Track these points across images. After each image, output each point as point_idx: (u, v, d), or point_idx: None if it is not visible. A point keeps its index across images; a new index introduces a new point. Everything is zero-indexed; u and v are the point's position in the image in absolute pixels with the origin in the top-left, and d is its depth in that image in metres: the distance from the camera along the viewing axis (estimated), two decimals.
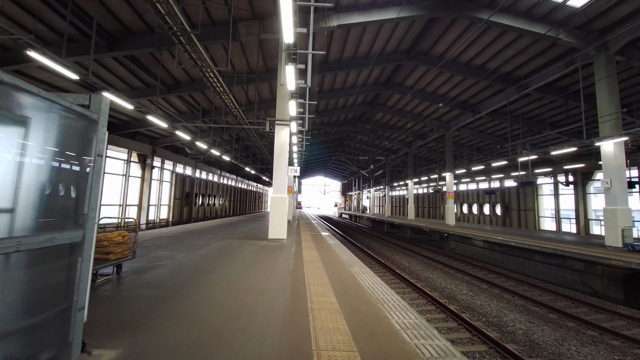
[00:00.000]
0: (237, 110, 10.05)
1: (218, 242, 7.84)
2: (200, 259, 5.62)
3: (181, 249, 6.67)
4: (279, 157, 8.41)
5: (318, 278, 4.49)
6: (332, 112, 19.76)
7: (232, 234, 9.86)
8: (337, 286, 4.11)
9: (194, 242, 7.68)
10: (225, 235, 9.59)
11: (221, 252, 6.33)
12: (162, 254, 5.98)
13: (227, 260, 5.60)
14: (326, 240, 9.33)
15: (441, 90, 15.79)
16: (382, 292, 4.12)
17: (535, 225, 23.60)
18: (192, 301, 3.31)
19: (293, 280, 4.27)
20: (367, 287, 4.25)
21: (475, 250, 15.19)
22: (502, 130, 18.90)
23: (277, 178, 8.38)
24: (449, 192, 19.18)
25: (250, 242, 7.99)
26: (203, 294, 3.54)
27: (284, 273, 4.69)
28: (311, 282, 4.24)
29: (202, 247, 6.93)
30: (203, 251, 6.42)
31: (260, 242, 8.15)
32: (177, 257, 5.69)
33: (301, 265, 5.30)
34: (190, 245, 7.15)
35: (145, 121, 15.22)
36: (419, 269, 11.12)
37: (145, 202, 18.12)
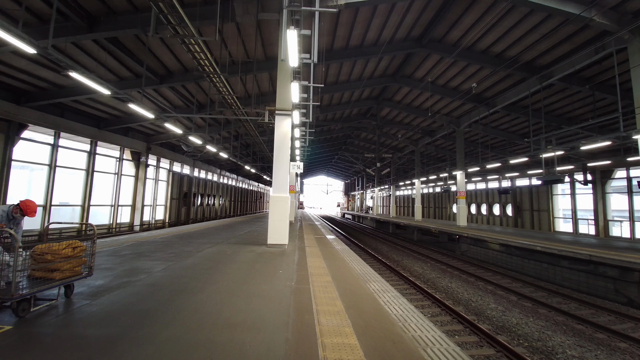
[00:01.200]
0: (231, 97, 9.04)
1: (210, 249, 6.83)
2: (184, 272, 4.61)
3: (165, 257, 5.66)
4: (279, 151, 7.40)
5: (329, 301, 3.46)
6: (337, 108, 18.72)
7: (228, 238, 8.86)
8: (355, 315, 3.09)
9: (182, 249, 6.68)
10: (221, 239, 8.59)
11: (211, 263, 5.31)
12: (139, 265, 4.97)
13: (216, 273, 4.58)
14: (332, 245, 8.31)
15: (454, 82, 14.71)
16: (417, 324, 3.09)
17: (550, 227, 22.46)
18: (152, 348, 2.29)
19: (297, 306, 3.25)
20: (395, 316, 3.22)
21: (490, 254, 14.14)
22: (517, 125, 17.78)
23: (278, 175, 7.36)
24: (460, 192, 18.10)
25: (247, 249, 6.98)
26: (170, 334, 2.51)
27: (285, 294, 3.67)
28: (321, 308, 3.21)
29: (190, 255, 5.91)
30: (190, 261, 5.41)
31: (259, 248, 7.14)
32: (156, 269, 4.68)
33: (306, 281, 4.28)
34: (177, 253, 6.14)
35: (137, 116, 14.26)
36: (435, 276, 10.07)
37: (139, 202, 17.17)
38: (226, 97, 8.93)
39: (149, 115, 8.20)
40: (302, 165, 7.83)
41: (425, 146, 24.78)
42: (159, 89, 11.83)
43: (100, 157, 14.78)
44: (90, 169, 14.08)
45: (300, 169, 7.83)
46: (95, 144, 14.33)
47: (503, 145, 21.62)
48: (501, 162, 14.78)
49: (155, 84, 11.13)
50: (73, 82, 10.63)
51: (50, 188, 12.31)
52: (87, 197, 13.96)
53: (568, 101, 14.17)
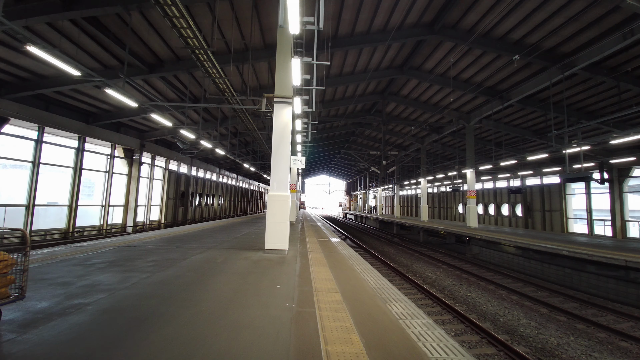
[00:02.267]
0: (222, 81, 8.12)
1: (199, 255, 5.93)
2: (157, 289, 3.70)
3: (142, 267, 4.76)
4: (279, 144, 6.49)
5: (342, 334, 2.55)
6: (340, 102, 17.81)
7: (222, 242, 7.95)
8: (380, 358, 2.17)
9: (166, 256, 5.78)
10: (214, 242, 7.69)
11: (195, 275, 4.41)
12: (105, 279, 4.07)
13: (199, 291, 3.67)
14: (338, 250, 7.39)
15: (466, 73, 13.76)
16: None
17: (563, 228, 21.46)
18: None
19: (298, 344, 2.34)
20: (432, 356, 2.30)
21: (505, 258, 13.22)
22: (531, 121, 16.80)
23: (277, 171, 6.46)
24: (470, 191, 17.16)
25: (242, 255, 6.07)
26: None
27: (283, 322, 2.76)
28: (332, 349, 2.30)
29: (172, 264, 5.01)
30: (170, 272, 4.51)
31: (255, 254, 6.23)
32: (123, 285, 3.78)
33: (311, 301, 3.37)
34: (158, 261, 5.24)
35: (128, 110, 13.39)
36: (450, 283, 9.13)
37: (132, 202, 16.31)
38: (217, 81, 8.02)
39: (131, 103, 7.30)
40: (305, 160, 6.92)
41: (432, 144, 23.83)
42: (149, 79, 10.95)
43: (89, 154, 13.92)
44: (78, 167, 13.22)
45: (302, 164, 6.92)
46: (84, 140, 13.47)
47: (514, 143, 20.62)
48: (517, 159, 13.81)
49: (144, 74, 10.25)
50: (55, 72, 9.77)
51: (34, 187, 11.45)
52: (75, 197, 13.10)
53: (590, 93, 13.19)
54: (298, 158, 6.88)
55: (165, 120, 9.01)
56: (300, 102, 7.02)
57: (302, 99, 7.05)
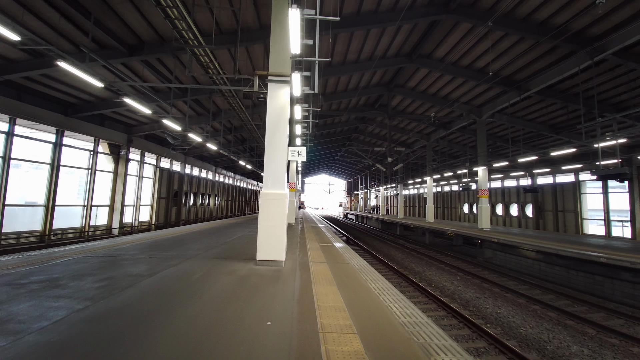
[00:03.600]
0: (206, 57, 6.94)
1: (172, 269, 4.74)
2: (88, 332, 2.52)
3: (84, 291, 3.57)
4: (273, 132, 5.31)
5: None
6: (343, 95, 16.61)
7: (209, 247, 6.77)
8: None
9: (130, 270, 4.59)
10: (198, 249, 6.50)
11: (155, 303, 3.22)
12: (20, 310, 2.89)
13: (150, 332, 2.49)
14: (345, 259, 6.21)
15: (481, 61, 12.57)
16: None
17: (578, 229, 20.30)
18: None
19: None
20: None
21: (523, 263, 12.09)
22: (548, 115, 15.61)
23: (272, 165, 5.28)
24: (482, 190, 15.98)
25: (228, 268, 4.89)
26: None
27: None
28: None
29: (131, 285, 3.83)
30: (121, 298, 3.32)
31: (245, 266, 5.05)
32: (36, 326, 2.59)
33: (317, 353, 2.19)
34: (113, 280, 4.05)
35: (111, 101, 12.20)
36: (472, 295, 7.95)
37: (118, 202, 15.11)
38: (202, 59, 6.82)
39: (95, 82, 6.12)
40: (306, 152, 5.74)
41: (438, 141, 22.64)
42: (129, 62, 9.73)
43: (68, 150, 12.71)
44: (55, 163, 12.01)
45: (303, 157, 5.73)
46: (62, 134, 12.26)
47: (526, 140, 19.43)
48: (538, 155, 12.63)
49: (123, 56, 9.05)
50: (24, 55, 8.57)
51: (4, 185, 10.27)
52: (52, 196, 11.90)
53: (616, 83, 12.02)
54: (298, 149, 5.67)
55: (141, 106, 7.79)
56: (300, 80, 5.83)
57: (302, 76, 5.88)
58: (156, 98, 9.44)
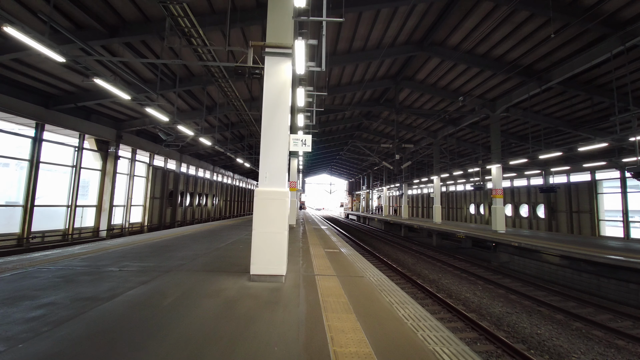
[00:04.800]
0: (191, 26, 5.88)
1: (142, 288, 3.71)
2: None
3: (11, 323, 2.55)
4: (272, 116, 4.30)
5: None
6: (347, 88, 15.58)
7: (197, 256, 5.74)
8: None
9: (83, 291, 3.55)
10: (182, 259, 5.47)
11: (94, 349, 2.19)
12: None
13: None
14: (357, 270, 5.18)
15: (500, 48, 11.52)
16: None
17: (594, 231, 19.25)
18: None
19: None
20: None
21: (545, 269, 11.10)
22: (570, 108, 14.54)
23: (270, 157, 4.27)
24: (496, 190, 14.94)
25: (214, 285, 3.87)
26: None
27: None
28: None
29: (76, 316, 2.80)
30: (48, 343, 2.30)
31: (236, 282, 4.03)
32: None
33: None
34: (52, 307, 3.02)
35: (96, 92, 11.18)
36: (503, 310, 6.89)
37: (106, 202, 14.07)
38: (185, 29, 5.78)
39: (55, 56, 5.09)
40: (311, 141, 4.70)
41: (445, 138, 21.60)
42: (110, 45, 8.69)
43: (50, 145, 11.68)
44: (34, 160, 10.98)
45: (308, 146, 4.70)
46: (42, 128, 11.23)
47: (538, 137, 18.38)
48: (563, 151, 11.58)
49: (103, 38, 8.02)
50: None
51: None
52: (31, 196, 10.87)
53: None
54: (301, 137, 4.64)
55: (117, 89, 6.73)
56: (305, 51, 4.78)
57: (307, 44, 4.85)
58: (138, 83, 8.40)
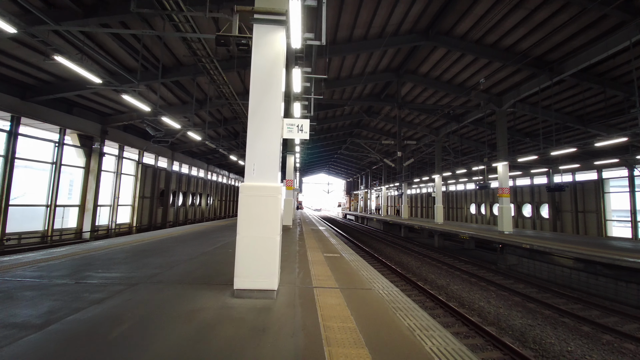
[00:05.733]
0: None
1: (91, 310, 2.92)
2: None
3: None
4: (261, 94, 3.53)
5: None
6: (347, 82, 14.82)
7: (175, 263, 4.95)
8: None
9: (15, 313, 2.76)
10: (158, 267, 4.68)
11: None
12: None
13: None
14: (364, 281, 4.41)
15: (510, 38, 10.81)
16: None
17: (601, 231, 18.65)
18: None
19: None
20: None
21: (558, 272, 10.46)
22: (576, 105, 13.90)
23: (258, 143, 3.49)
24: (502, 188, 14.25)
25: (187, 305, 3.08)
26: None
27: None
28: None
29: None
30: None
31: (216, 299, 3.24)
32: None
33: None
34: None
35: (76, 82, 10.33)
36: (524, 322, 6.14)
37: (90, 201, 13.20)
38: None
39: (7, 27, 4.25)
40: (308, 127, 3.92)
41: (448, 136, 20.90)
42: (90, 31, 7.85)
43: (27, 140, 10.82)
44: (9, 156, 10.12)
45: (305, 133, 3.91)
46: (18, 121, 10.36)
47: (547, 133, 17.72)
48: (578, 147, 10.90)
49: (77, 18, 7.19)
50: None
51: None
52: (5, 194, 10.01)
53: None
54: (297, 122, 3.85)
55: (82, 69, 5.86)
56: (301, 16, 3.99)
57: (305, 5, 4.04)
58: (120, 71, 7.57)
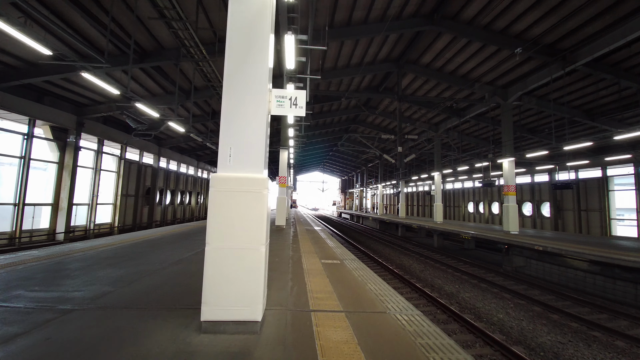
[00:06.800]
0: None
1: None
2: None
3: None
4: (242, 55, 2.60)
5: None
6: (344, 72, 13.89)
7: (136, 277, 4.00)
8: None
9: None
10: (117, 281, 3.73)
11: None
12: None
13: None
14: (374, 301, 3.52)
15: (520, 24, 9.99)
16: None
17: (604, 230, 18.11)
18: None
19: None
20: None
21: (570, 275, 9.78)
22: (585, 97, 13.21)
23: (236, 119, 2.56)
24: (508, 186, 13.51)
25: (129, 347, 2.14)
26: None
27: None
28: None
29: None
30: None
31: (175, 336, 2.30)
32: None
33: None
34: None
35: (44, 66, 9.21)
36: (553, 339, 5.32)
37: (64, 200, 12.07)
38: None
39: None
40: (304, 99, 3.03)
41: (447, 132, 20.13)
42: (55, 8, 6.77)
43: None
44: None
45: (301, 108, 2.96)
46: None
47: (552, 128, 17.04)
48: (594, 141, 10.17)
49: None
50: None
51: None
52: None
53: None
54: (289, 94, 2.91)
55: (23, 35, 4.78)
56: None
57: None
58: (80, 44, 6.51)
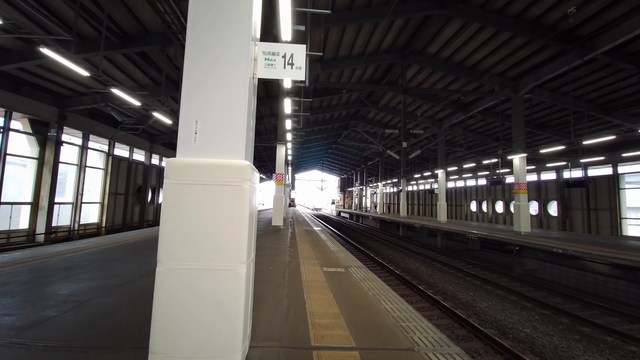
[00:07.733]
0: None
1: None
2: None
3: None
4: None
5: None
6: (345, 63, 13.07)
7: (96, 293, 3.20)
8: None
9: None
10: (67, 300, 2.94)
11: None
12: None
13: None
14: (391, 322, 2.73)
15: (537, 8, 9.20)
16: None
17: (615, 230, 17.40)
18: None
19: None
20: None
21: (590, 280, 9.03)
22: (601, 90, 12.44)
23: (205, 84, 1.74)
24: (519, 184, 12.77)
25: None
26: None
27: None
28: None
29: None
30: None
31: None
32: None
33: None
34: None
35: (20, 52, 8.36)
36: (593, 357, 4.57)
37: (45, 198, 11.22)
38: None
39: None
40: (304, 59, 2.26)
41: (451, 128, 19.36)
42: None
43: None
44: None
45: (300, 70, 2.18)
46: None
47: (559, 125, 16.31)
48: (616, 134, 9.41)
49: None
50: None
51: None
52: None
53: None
54: (282, 48, 2.10)
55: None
56: None
57: None
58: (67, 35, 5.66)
